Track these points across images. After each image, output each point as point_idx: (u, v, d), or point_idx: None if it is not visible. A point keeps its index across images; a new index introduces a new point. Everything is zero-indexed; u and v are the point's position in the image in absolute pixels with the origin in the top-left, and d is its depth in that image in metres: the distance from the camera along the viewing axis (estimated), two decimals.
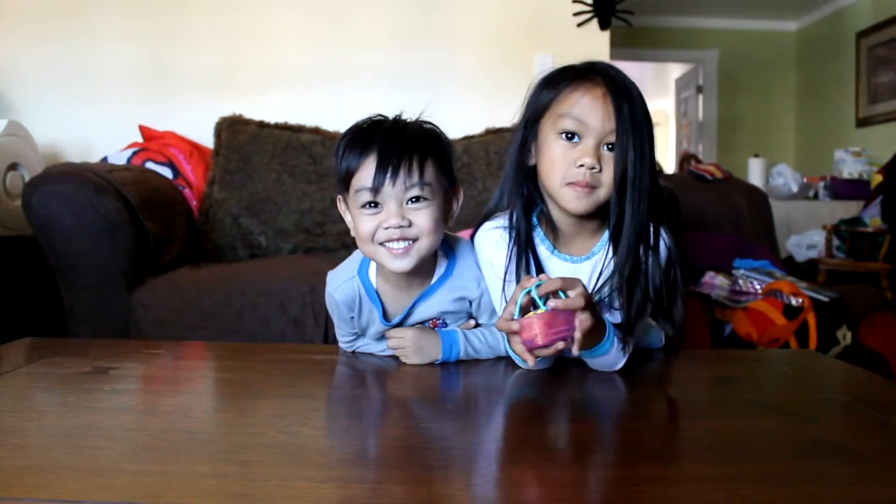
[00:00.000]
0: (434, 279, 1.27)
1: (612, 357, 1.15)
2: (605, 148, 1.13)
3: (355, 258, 1.30)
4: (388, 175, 1.11)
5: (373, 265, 1.28)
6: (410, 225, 1.14)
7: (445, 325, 1.32)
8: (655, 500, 0.72)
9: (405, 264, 1.16)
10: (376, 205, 1.15)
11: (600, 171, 1.13)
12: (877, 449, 0.86)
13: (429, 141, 1.19)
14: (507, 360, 1.23)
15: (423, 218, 1.15)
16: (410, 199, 1.14)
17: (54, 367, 1.21)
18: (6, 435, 0.87)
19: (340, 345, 1.38)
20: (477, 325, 1.33)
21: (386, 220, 1.14)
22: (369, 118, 1.21)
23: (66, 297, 2.10)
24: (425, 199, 1.15)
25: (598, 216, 1.20)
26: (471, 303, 1.29)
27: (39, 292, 2.32)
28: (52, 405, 1.03)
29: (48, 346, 1.39)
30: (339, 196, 1.23)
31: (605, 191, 1.15)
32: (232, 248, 2.66)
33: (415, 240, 1.15)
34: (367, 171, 1.13)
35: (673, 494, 0.74)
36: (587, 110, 1.13)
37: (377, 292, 1.27)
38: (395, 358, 1.27)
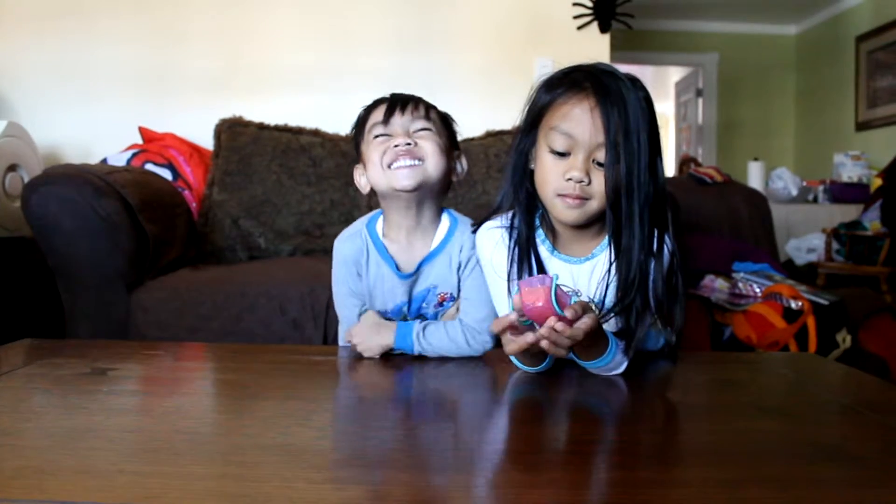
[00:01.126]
0: (438, 240, 1.36)
1: (613, 364, 1.15)
2: (595, 161, 1.13)
3: (364, 218, 1.41)
4: (397, 109, 1.31)
5: (380, 222, 1.37)
6: (416, 145, 1.29)
7: (453, 298, 1.36)
8: (655, 503, 0.72)
9: (411, 180, 1.27)
10: (386, 135, 1.30)
11: (589, 183, 1.13)
12: (877, 452, 0.86)
13: (434, 106, 1.38)
14: (507, 362, 1.23)
15: (428, 143, 1.30)
16: (417, 130, 1.31)
17: (53, 368, 1.21)
18: (4, 436, 0.86)
19: (341, 329, 1.39)
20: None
21: (395, 140, 1.28)
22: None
23: (65, 299, 2.10)
24: (430, 130, 1.32)
25: (597, 222, 1.20)
26: (460, 265, 1.34)
27: (38, 293, 2.32)
28: (50, 406, 1.03)
29: (47, 348, 1.39)
30: (356, 166, 1.39)
31: (596, 202, 1.14)
32: (231, 250, 2.66)
33: (420, 160, 1.28)
34: (379, 111, 1.33)
35: (673, 497, 0.74)
36: (575, 124, 1.12)
37: (385, 248, 1.36)
38: (389, 357, 1.29)
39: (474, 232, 1.32)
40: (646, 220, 1.13)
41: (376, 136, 1.31)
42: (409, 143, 1.28)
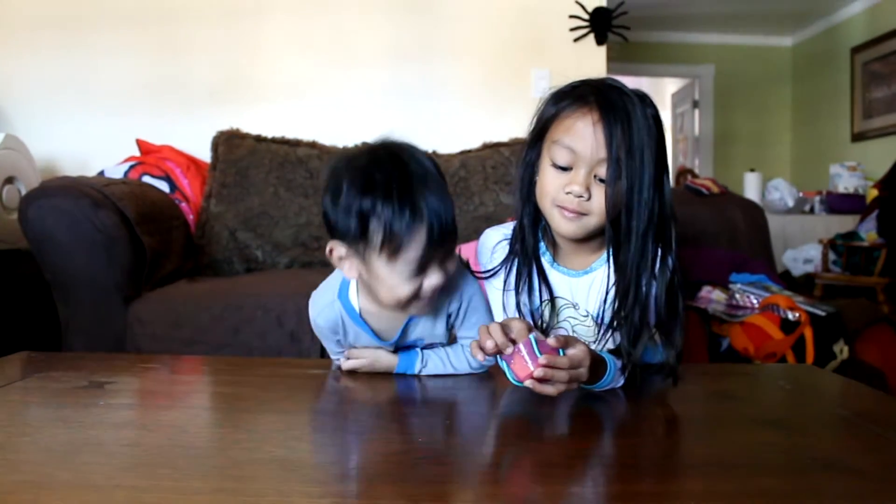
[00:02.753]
0: None
1: (612, 383, 1.15)
2: (597, 177, 1.12)
3: (334, 280, 1.25)
4: (436, 250, 1.07)
5: (352, 286, 1.22)
6: (432, 293, 1.12)
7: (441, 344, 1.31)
8: None
9: (429, 309, 1.18)
10: (418, 274, 1.09)
11: (589, 199, 1.12)
12: (876, 464, 0.85)
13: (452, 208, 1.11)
14: (503, 375, 1.23)
15: (439, 283, 1.11)
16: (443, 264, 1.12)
17: (49, 382, 1.20)
18: (0, 450, 0.86)
19: (332, 357, 1.37)
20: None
21: (428, 283, 1.09)
22: (384, 162, 1.07)
23: (61, 311, 2.09)
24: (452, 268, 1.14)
25: (598, 236, 1.20)
26: (449, 316, 1.25)
27: (35, 306, 2.32)
28: (46, 420, 1.03)
29: (43, 361, 1.38)
30: (336, 241, 1.11)
31: (595, 219, 1.14)
32: (228, 262, 2.66)
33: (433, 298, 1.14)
34: (415, 250, 1.05)
35: None
36: (578, 138, 1.12)
37: (361, 315, 1.22)
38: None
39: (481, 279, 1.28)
40: (649, 238, 1.12)
41: (406, 275, 1.09)
42: (427, 296, 1.12)
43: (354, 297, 1.21)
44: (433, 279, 1.10)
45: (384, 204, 1.04)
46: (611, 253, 1.17)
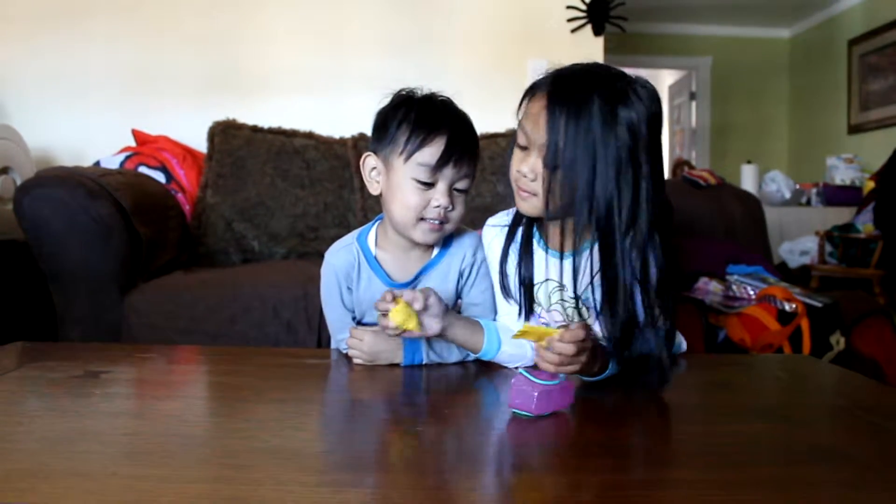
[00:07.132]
0: (437, 250, 1.33)
1: (609, 373, 1.16)
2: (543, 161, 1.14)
3: (354, 231, 1.37)
4: (453, 161, 1.20)
5: (371, 234, 1.33)
6: (452, 209, 1.24)
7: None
8: None
9: (435, 238, 1.27)
10: (430, 183, 1.22)
11: (535, 179, 1.16)
12: (872, 453, 0.85)
13: (478, 146, 1.28)
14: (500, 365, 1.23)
15: (460, 206, 1.25)
16: (457, 189, 1.24)
17: (45, 371, 1.20)
18: None
19: (333, 342, 1.38)
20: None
21: (437, 199, 1.21)
22: (422, 94, 1.28)
23: (57, 302, 2.08)
24: (466, 191, 1.26)
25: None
26: (460, 276, 1.33)
27: (31, 296, 2.31)
28: (42, 409, 1.02)
29: (39, 350, 1.38)
30: (371, 152, 1.28)
31: (540, 200, 1.16)
32: (225, 253, 2.65)
33: (447, 222, 1.25)
34: (434, 150, 1.20)
35: (667, 499, 0.74)
36: (531, 122, 1.15)
37: (376, 260, 1.32)
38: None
39: None
40: (613, 228, 1.12)
41: (419, 181, 1.21)
42: (447, 207, 1.22)
43: (372, 242, 1.33)
44: (440, 197, 1.21)
45: (412, 110, 1.24)
46: (594, 235, 1.17)
